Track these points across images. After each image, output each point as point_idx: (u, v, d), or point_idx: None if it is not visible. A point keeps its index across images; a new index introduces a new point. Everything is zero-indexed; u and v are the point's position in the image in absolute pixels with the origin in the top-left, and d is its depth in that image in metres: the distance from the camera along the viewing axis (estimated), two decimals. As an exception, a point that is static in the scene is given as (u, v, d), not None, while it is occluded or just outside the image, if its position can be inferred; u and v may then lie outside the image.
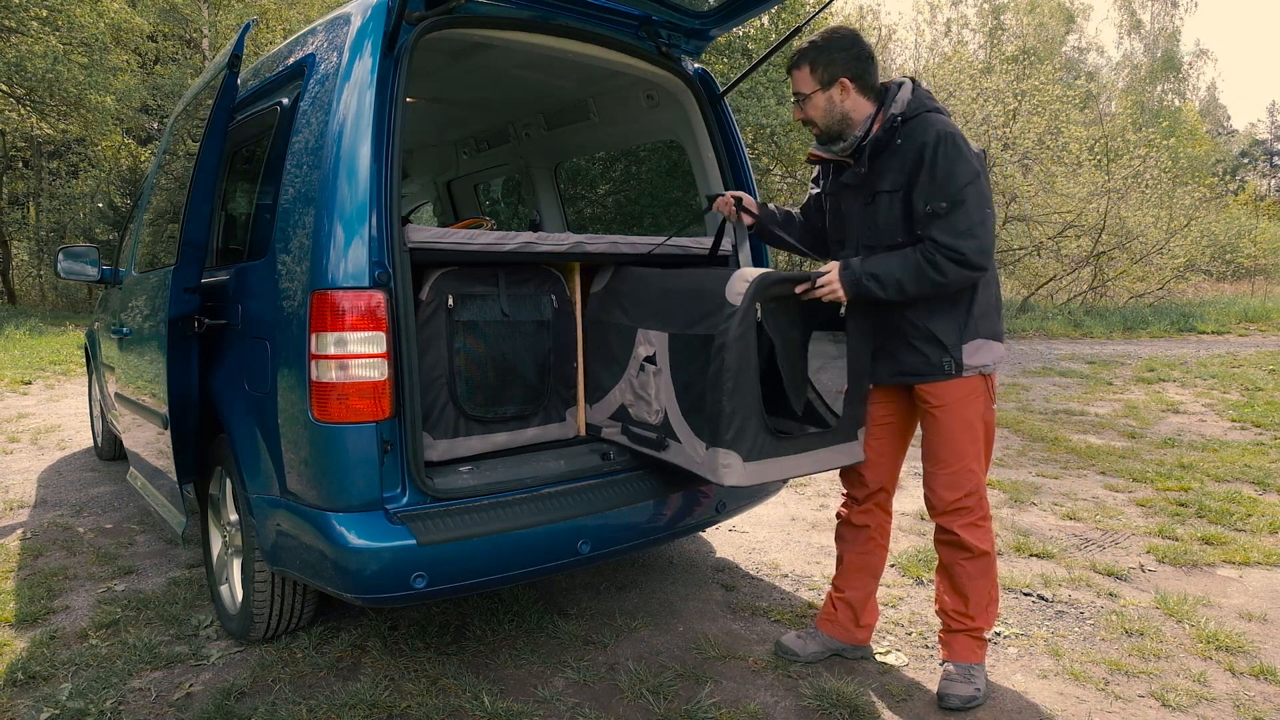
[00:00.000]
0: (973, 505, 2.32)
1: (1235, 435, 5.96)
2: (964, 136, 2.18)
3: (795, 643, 2.63)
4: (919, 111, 2.23)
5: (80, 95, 15.03)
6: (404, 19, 2.25)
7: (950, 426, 2.29)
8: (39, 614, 2.96)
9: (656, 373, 2.50)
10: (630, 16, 2.86)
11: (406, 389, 2.17)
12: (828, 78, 2.30)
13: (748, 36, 15.94)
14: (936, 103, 2.29)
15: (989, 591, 2.36)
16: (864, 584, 2.57)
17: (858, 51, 2.30)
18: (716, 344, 2.19)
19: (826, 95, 2.31)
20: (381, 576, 2.10)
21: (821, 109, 2.33)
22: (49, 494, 4.56)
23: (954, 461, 2.30)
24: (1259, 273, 24.34)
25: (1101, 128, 18.69)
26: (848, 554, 2.58)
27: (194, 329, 2.54)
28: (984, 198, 2.14)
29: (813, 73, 2.31)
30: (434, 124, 4.65)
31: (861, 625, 2.59)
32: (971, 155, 2.16)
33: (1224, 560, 3.46)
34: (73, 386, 8.40)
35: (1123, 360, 10.26)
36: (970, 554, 2.33)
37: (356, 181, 2.14)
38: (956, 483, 2.31)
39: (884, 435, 2.47)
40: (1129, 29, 38.55)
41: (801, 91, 2.35)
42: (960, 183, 2.12)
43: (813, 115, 2.35)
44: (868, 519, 2.54)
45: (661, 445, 2.47)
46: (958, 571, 2.36)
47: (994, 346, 2.29)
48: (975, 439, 2.30)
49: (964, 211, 2.12)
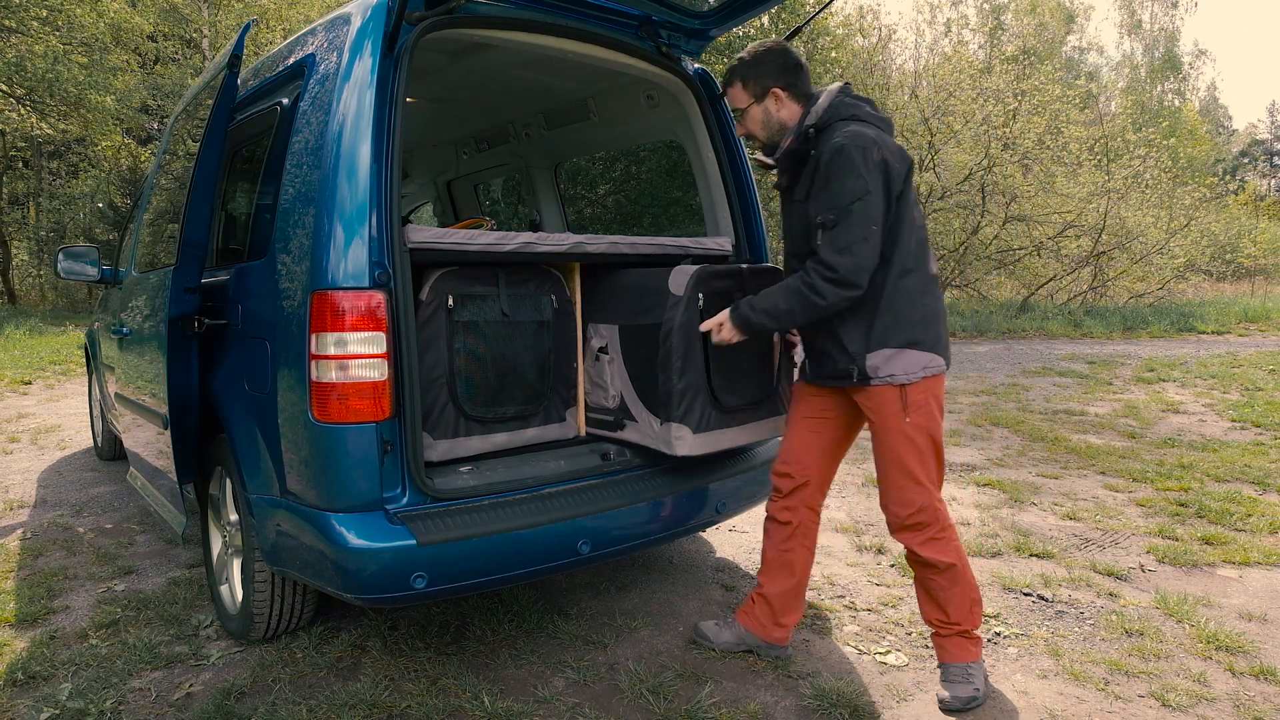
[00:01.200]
0: (926, 521, 2.28)
1: (1235, 435, 5.96)
2: (871, 148, 2.13)
3: (711, 630, 2.66)
4: (831, 121, 2.23)
5: (80, 95, 15.02)
6: (404, 19, 2.25)
7: (887, 439, 2.28)
8: (39, 614, 2.96)
9: (610, 361, 2.77)
10: (630, 16, 2.86)
11: (406, 389, 2.17)
12: (760, 90, 2.34)
13: (748, 36, 15.94)
14: (862, 110, 2.26)
15: (967, 595, 2.34)
16: (783, 580, 2.53)
17: (785, 61, 2.33)
18: (664, 331, 2.47)
19: (762, 107, 2.36)
20: (381, 576, 2.10)
21: (759, 121, 2.37)
22: (49, 494, 4.56)
23: (898, 476, 2.28)
24: (1259, 273, 24.34)
25: (1101, 128, 18.69)
26: (770, 549, 2.57)
27: (194, 329, 2.54)
28: (869, 216, 2.11)
29: (745, 87, 2.36)
30: (434, 124, 4.65)
31: (779, 624, 2.56)
32: (868, 170, 2.12)
33: (1224, 560, 3.46)
34: (73, 386, 8.40)
35: (1123, 360, 10.26)
36: (936, 569, 2.31)
37: (356, 181, 2.14)
38: (903, 499, 2.29)
39: (811, 430, 2.47)
40: (1129, 29, 38.56)
41: (738, 107, 2.40)
42: (847, 199, 2.12)
43: (752, 129, 2.40)
44: (791, 516, 2.51)
45: (619, 425, 2.74)
46: (929, 586, 2.35)
47: (911, 356, 2.22)
48: (919, 452, 2.26)
49: (846, 227, 2.12)
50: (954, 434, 6.01)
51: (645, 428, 2.64)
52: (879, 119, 2.28)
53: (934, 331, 2.26)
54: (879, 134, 2.20)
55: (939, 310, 2.29)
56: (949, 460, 5.22)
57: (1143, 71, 38.20)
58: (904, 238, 2.20)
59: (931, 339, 2.25)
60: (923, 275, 2.25)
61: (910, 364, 2.22)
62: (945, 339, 2.32)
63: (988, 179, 15.67)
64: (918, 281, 2.23)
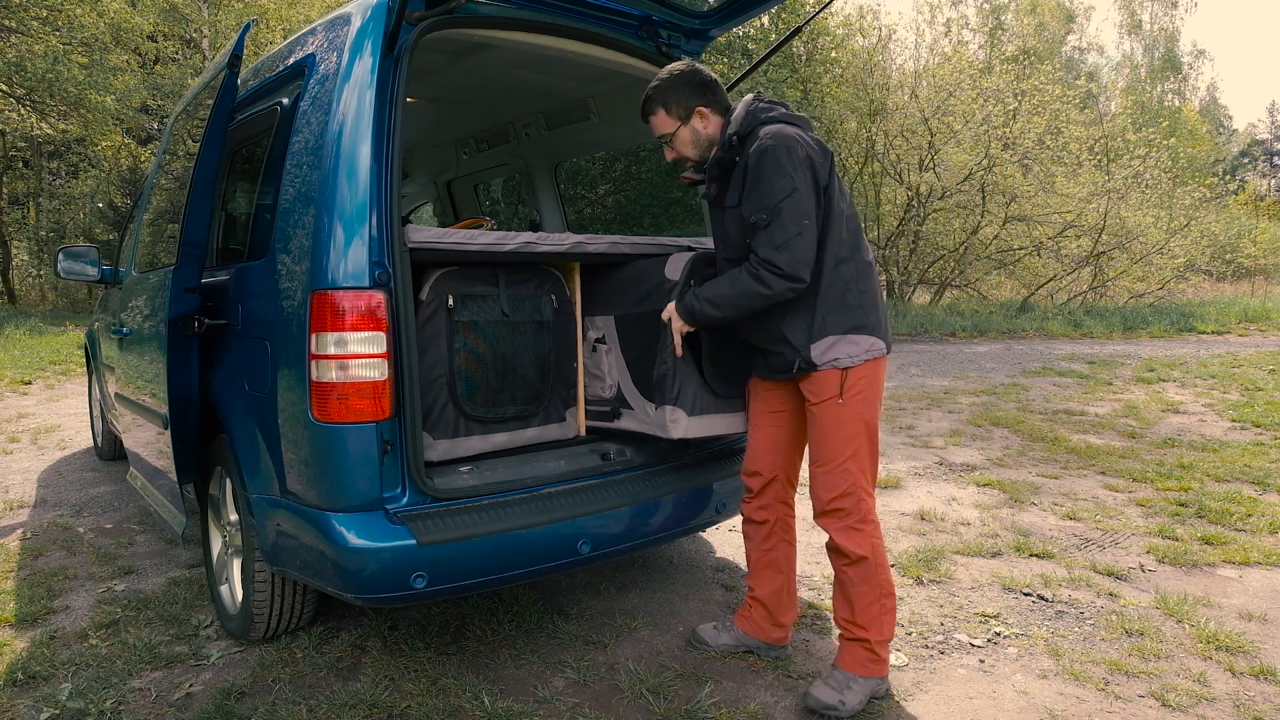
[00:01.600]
0: (849, 508, 2.28)
1: (1235, 435, 5.96)
2: (795, 146, 2.18)
3: (709, 633, 2.66)
4: (752, 127, 2.27)
5: (80, 95, 15.01)
6: (404, 19, 2.25)
7: (825, 423, 2.29)
8: (39, 614, 2.96)
9: (608, 350, 2.82)
10: (630, 17, 2.86)
11: (406, 389, 2.17)
12: (684, 112, 2.38)
13: (748, 36, 15.95)
14: (776, 112, 2.30)
15: (879, 600, 2.29)
16: (772, 580, 2.55)
17: (701, 80, 2.38)
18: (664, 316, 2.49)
19: (689, 128, 2.40)
20: (381, 576, 2.10)
21: (689, 141, 2.41)
22: (49, 494, 4.56)
23: (829, 460, 2.29)
24: (1259, 273, 24.34)
25: (1101, 128, 18.69)
26: (753, 551, 2.58)
27: (194, 329, 2.54)
28: (799, 211, 2.16)
29: (668, 112, 2.39)
30: (434, 124, 4.65)
31: (778, 624, 2.57)
32: (794, 167, 2.16)
33: (1224, 560, 3.46)
34: (73, 386, 8.41)
35: (1123, 360, 10.26)
36: (847, 559, 2.29)
37: (356, 181, 2.14)
38: (832, 482, 2.29)
39: (771, 425, 2.49)
40: (1129, 29, 38.56)
41: (665, 133, 2.43)
42: (776, 197, 2.16)
43: (684, 150, 2.43)
44: (767, 514, 2.53)
45: (615, 415, 2.79)
46: (840, 577, 2.33)
47: (853, 341, 2.26)
48: (850, 438, 2.27)
49: (780, 225, 2.16)
50: (954, 434, 6.01)
51: (640, 414, 2.69)
52: (796, 117, 2.33)
53: (874, 316, 2.31)
54: (799, 131, 2.24)
55: (876, 295, 2.34)
56: (949, 460, 5.22)
57: (1143, 71, 38.20)
58: (835, 228, 2.25)
59: (873, 323, 2.30)
60: (857, 263, 2.30)
61: (854, 349, 2.26)
62: (885, 323, 2.35)
63: (988, 179, 15.67)
64: (853, 269, 2.28)
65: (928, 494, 4.48)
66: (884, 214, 17.73)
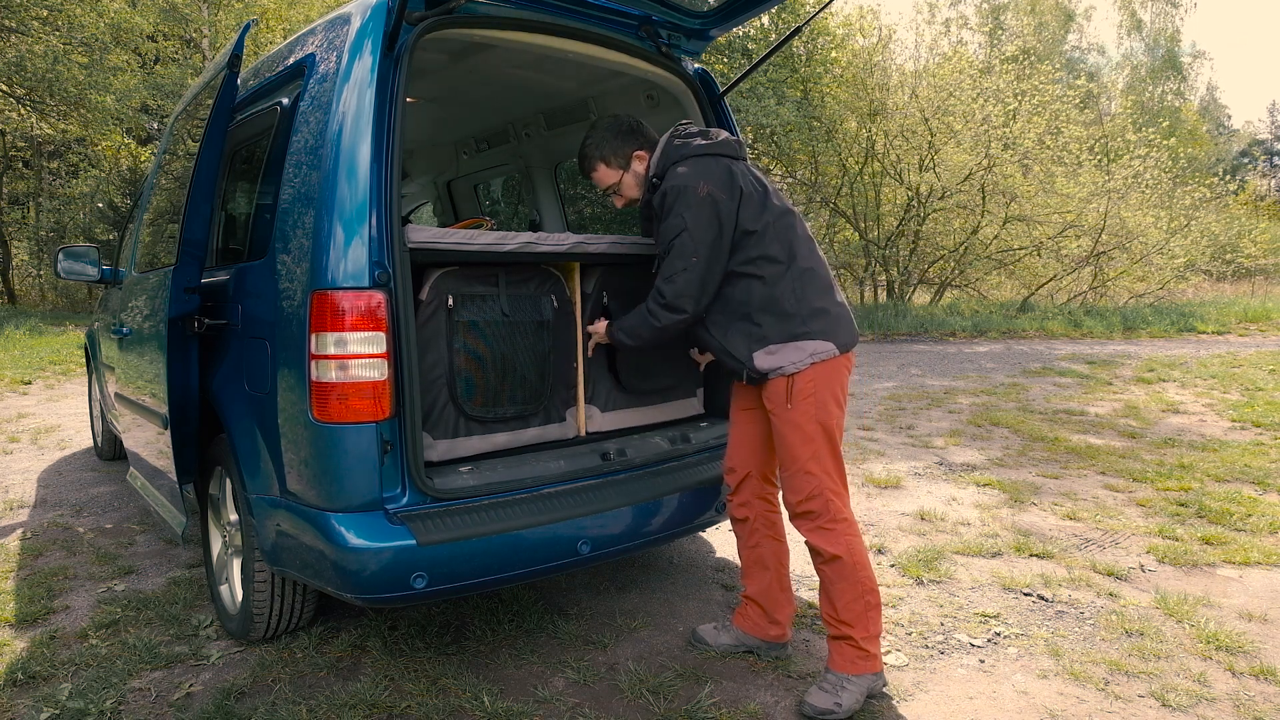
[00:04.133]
0: (818, 509, 2.31)
1: (1235, 435, 5.96)
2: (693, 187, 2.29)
3: (709, 633, 2.69)
4: (664, 169, 2.42)
5: (80, 95, 15.03)
6: (404, 19, 2.24)
7: (780, 428, 2.34)
8: (39, 614, 2.96)
9: None
10: (630, 16, 2.86)
11: (406, 389, 2.17)
12: (623, 160, 2.54)
13: (748, 36, 15.95)
14: (691, 147, 2.39)
15: (861, 597, 2.31)
16: (760, 577, 2.59)
17: (628, 125, 2.54)
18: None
19: (631, 173, 2.55)
20: (381, 576, 2.10)
21: (635, 185, 2.56)
22: (49, 494, 4.56)
23: (790, 464, 2.35)
24: (1259, 273, 24.31)
25: (1101, 128, 18.68)
26: (740, 550, 2.65)
27: (194, 329, 2.54)
28: (687, 248, 2.28)
29: (609, 165, 2.55)
30: (434, 124, 4.65)
31: (774, 621, 2.58)
32: (686, 207, 2.27)
33: (1224, 560, 3.46)
34: (73, 386, 8.41)
35: (1123, 360, 10.26)
36: (822, 558, 2.32)
37: (356, 181, 2.14)
38: (797, 485, 2.34)
39: (746, 421, 2.56)
40: (1129, 29, 38.55)
41: (612, 185, 2.58)
42: (670, 235, 2.31)
43: (630, 195, 2.58)
44: (746, 511, 2.58)
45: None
46: (820, 576, 2.37)
47: (796, 347, 2.30)
48: (807, 440, 2.31)
49: (669, 259, 2.32)
50: (954, 434, 6.01)
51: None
52: (708, 148, 2.39)
53: (821, 321, 2.33)
54: (703, 169, 2.33)
55: (822, 297, 2.36)
56: (950, 460, 5.22)
57: (1143, 71, 38.19)
58: (765, 244, 2.32)
59: (817, 328, 2.32)
60: (795, 272, 2.33)
61: (797, 354, 2.30)
62: (840, 324, 2.36)
63: (988, 179, 15.66)
64: (791, 279, 2.33)
65: (928, 494, 4.48)
66: (884, 214, 17.72)
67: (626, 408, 2.95)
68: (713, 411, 3.23)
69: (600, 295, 2.86)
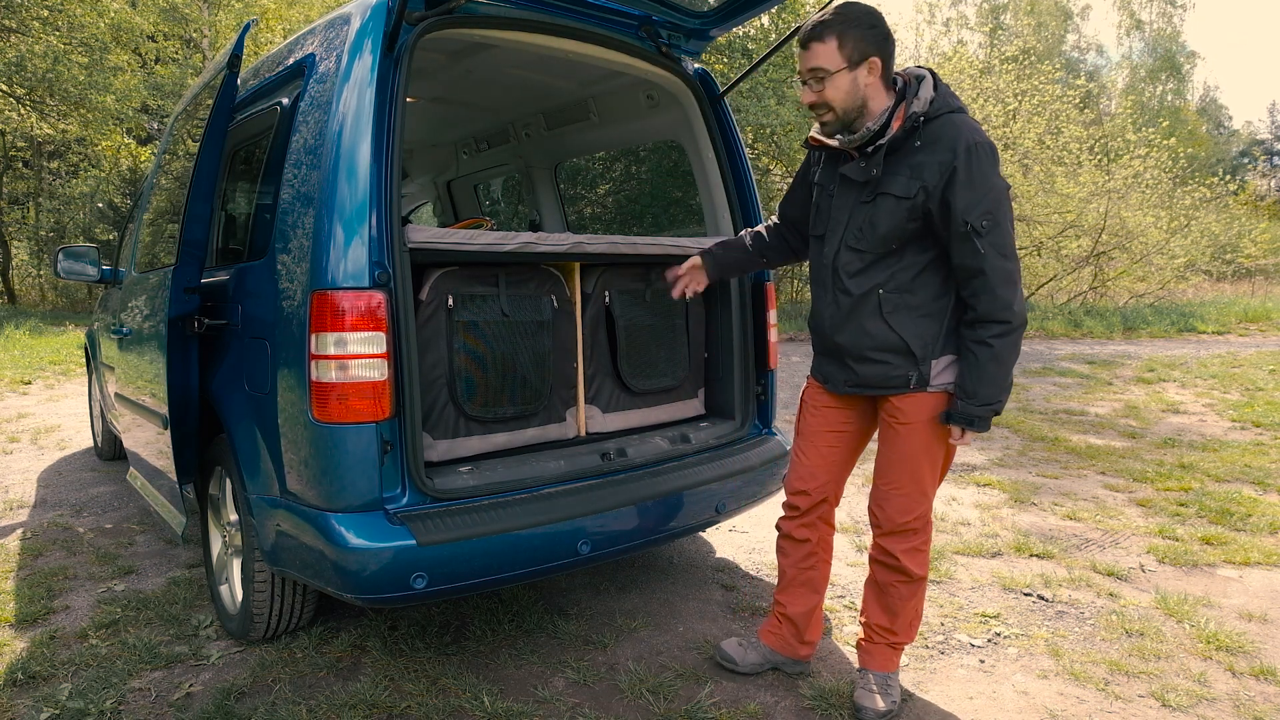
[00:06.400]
0: (919, 528, 2.21)
1: (1235, 435, 5.96)
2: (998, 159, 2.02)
3: (735, 650, 2.53)
4: (942, 112, 2.01)
5: (80, 95, 15.04)
6: (404, 19, 2.24)
7: (912, 446, 2.15)
8: (39, 614, 2.96)
9: None
10: (630, 16, 2.86)
11: (406, 389, 2.17)
12: (858, 55, 2.01)
13: (748, 36, 15.94)
14: (960, 102, 2.07)
15: (916, 610, 2.30)
16: (806, 599, 2.44)
17: (884, 30, 2.03)
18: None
19: (853, 75, 2.02)
20: (381, 577, 2.10)
21: (844, 90, 2.03)
22: (49, 494, 4.56)
23: (909, 484, 2.17)
24: (1259, 273, 24.30)
25: (1101, 128, 18.68)
26: (789, 568, 2.45)
27: (194, 329, 2.54)
28: (1009, 245, 1.99)
29: (840, 48, 2.00)
30: (434, 124, 4.65)
31: (805, 642, 2.47)
32: (1004, 192, 2.00)
33: (1224, 560, 3.46)
34: (73, 386, 8.40)
35: (1123, 360, 10.26)
36: (908, 579, 2.24)
37: (356, 181, 2.14)
38: (906, 505, 2.18)
39: (830, 444, 2.34)
40: (1129, 29, 38.54)
41: (823, 68, 2.02)
42: (996, 198, 1.96)
43: (832, 98, 2.04)
44: (809, 533, 2.39)
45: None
46: (891, 593, 2.27)
47: (953, 364, 2.13)
48: (935, 462, 2.18)
49: (1002, 231, 1.97)
50: (954, 434, 6.00)
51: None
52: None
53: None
54: None
55: None
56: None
57: (1143, 71, 38.19)
58: None
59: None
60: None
61: (953, 373, 2.13)
62: None
63: (988, 179, 15.63)
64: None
65: (928, 494, 4.48)
66: (884, 214, 17.68)
67: (629, 408, 2.97)
68: (713, 411, 3.23)
69: (600, 295, 2.85)
